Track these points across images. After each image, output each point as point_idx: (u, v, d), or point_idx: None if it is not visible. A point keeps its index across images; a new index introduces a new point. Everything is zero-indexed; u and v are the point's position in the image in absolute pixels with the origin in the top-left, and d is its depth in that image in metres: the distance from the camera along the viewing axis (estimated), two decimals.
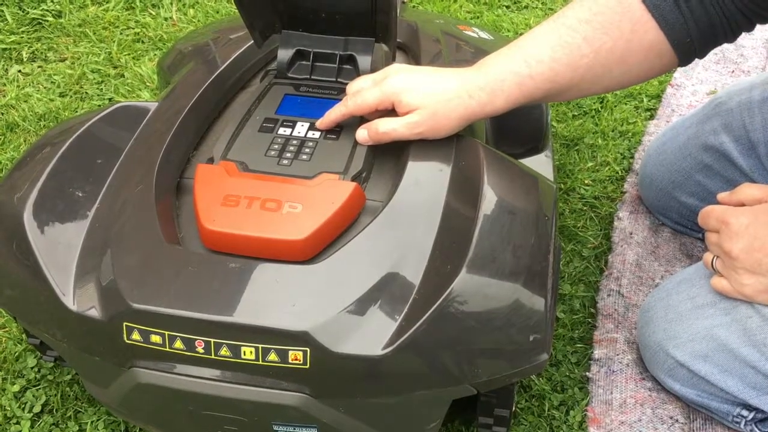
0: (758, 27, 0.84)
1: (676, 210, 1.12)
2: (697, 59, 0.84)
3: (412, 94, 0.78)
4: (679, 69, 1.47)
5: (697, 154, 1.07)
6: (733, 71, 1.47)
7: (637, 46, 0.80)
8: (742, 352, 0.83)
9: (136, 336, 0.69)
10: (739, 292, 0.83)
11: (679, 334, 0.88)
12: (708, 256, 0.86)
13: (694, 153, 1.07)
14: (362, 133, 0.80)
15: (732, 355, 0.84)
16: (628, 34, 0.79)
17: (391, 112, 0.80)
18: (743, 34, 0.84)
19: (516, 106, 0.81)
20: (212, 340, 0.68)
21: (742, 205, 0.85)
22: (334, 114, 0.81)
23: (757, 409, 0.87)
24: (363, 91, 0.80)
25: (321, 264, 0.71)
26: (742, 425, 0.88)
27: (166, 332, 0.69)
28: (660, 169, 1.12)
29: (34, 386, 0.95)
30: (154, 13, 1.64)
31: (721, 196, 0.89)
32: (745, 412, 0.87)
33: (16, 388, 0.94)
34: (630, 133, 1.33)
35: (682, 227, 1.14)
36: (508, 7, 1.69)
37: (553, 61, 0.79)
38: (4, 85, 1.44)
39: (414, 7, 1.65)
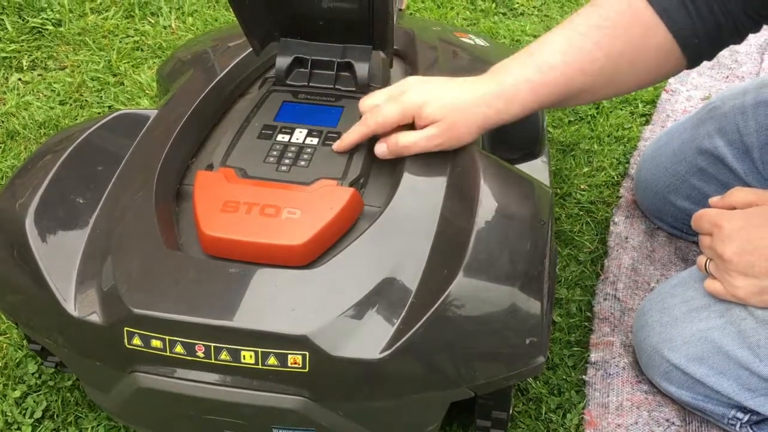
0: (751, 34, 0.85)
1: (672, 214, 1.12)
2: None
3: (432, 107, 0.79)
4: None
5: (692, 158, 1.07)
6: (727, 77, 1.48)
7: (646, 48, 0.81)
8: (736, 354, 0.84)
9: (136, 341, 0.70)
10: (732, 295, 0.83)
11: (674, 338, 0.88)
12: (701, 259, 0.87)
13: (689, 157, 1.08)
14: (381, 148, 0.80)
15: (727, 358, 0.84)
16: (638, 38, 0.80)
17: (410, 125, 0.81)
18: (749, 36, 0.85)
19: (531, 112, 0.83)
20: (212, 344, 0.69)
21: (734, 208, 0.86)
22: (353, 135, 0.80)
23: (752, 411, 0.87)
24: (382, 107, 0.80)
25: (320, 269, 0.71)
26: (737, 428, 0.89)
27: (167, 337, 0.69)
28: (655, 173, 1.12)
29: (35, 392, 0.95)
30: (153, 22, 1.64)
31: (713, 200, 0.90)
32: (740, 415, 0.88)
33: (17, 393, 0.94)
34: (625, 139, 1.33)
35: (678, 231, 1.14)
36: (504, 14, 1.69)
37: (565, 66, 0.80)
38: (5, 93, 1.45)
39: (411, 14, 1.65)
